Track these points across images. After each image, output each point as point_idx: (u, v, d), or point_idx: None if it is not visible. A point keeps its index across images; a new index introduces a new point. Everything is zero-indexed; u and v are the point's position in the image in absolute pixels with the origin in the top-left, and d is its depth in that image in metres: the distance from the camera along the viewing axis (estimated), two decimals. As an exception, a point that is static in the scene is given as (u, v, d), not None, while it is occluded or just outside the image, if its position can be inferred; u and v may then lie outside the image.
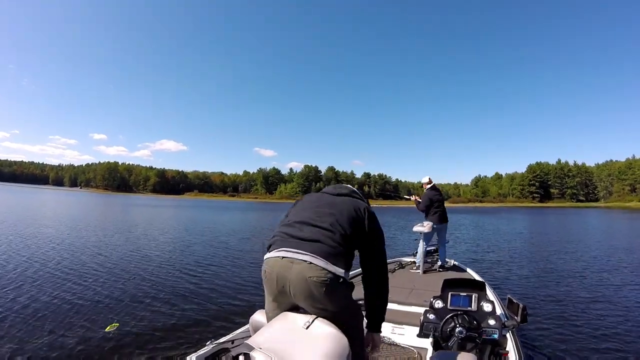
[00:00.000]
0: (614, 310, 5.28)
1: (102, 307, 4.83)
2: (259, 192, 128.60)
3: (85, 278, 6.36)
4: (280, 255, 1.46)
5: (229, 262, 8.40)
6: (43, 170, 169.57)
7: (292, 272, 1.42)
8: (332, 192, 1.79)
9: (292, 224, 1.60)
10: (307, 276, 1.39)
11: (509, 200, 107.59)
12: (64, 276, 6.42)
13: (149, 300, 5.20)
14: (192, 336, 3.89)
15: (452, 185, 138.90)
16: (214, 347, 1.71)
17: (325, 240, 1.48)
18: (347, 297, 1.49)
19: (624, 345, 3.99)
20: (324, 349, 1.21)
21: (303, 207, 1.69)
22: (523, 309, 1.95)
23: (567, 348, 3.87)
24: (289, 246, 1.48)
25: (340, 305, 1.44)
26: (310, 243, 1.47)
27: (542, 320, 4.73)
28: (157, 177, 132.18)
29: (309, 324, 1.33)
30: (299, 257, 1.42)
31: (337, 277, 1.41)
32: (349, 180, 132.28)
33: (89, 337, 3.79)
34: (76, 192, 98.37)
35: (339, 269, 1.43)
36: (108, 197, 66.58)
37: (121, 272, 6.91)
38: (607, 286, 6.81)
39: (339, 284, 1.42)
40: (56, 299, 5.07)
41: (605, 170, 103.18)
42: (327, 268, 1.40)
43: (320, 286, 1.38)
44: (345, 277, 1.46)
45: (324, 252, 1.44)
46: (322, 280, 1.38)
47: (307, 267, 1.40)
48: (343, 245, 1.49)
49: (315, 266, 1.40)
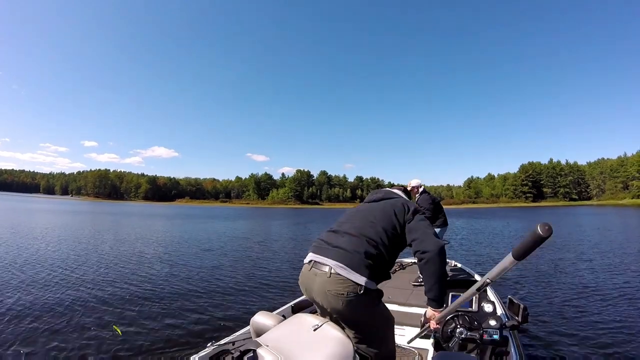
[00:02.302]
0: (616, 310, 5.22)
1: (104, 309, 4.87)
2: (251, 197, 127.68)
3: (86, 282, 6.36)
4: (309, 260, 1.59)
5: (229, 265, 8.47)
6: (34, 179, 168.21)
7: (315, 285, 1.51)
8: (370, 199, 1.84)
9: (330, 231, 1.69)
10: (327, 289, 1.44)
11: (502, 200, 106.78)
12: (63, 281, 6.41)
13: (149, 302, 5.25)
14: (193, 338, 3.92)
15: (444, 187, 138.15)
16: (215, 348, 1.70)
17: (354, 248, 1.51)
18: (369, 306, 1.50)
19: (625, 345, 3.96)
20: (329, 352, 1.23)
21: (346, 216, 1.77)
22: (524, 310, 1.91)
23: (568, 348, 3.87)
24: (319, 252, 1.57)
25: (361, 315, 1.48)
26: (338, 250, 1.52)
27: (543, 320, 4.72)
28: (149, 184, 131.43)
29: (317, 327, 1.36)
30: (322, 268, 1.50)
31: (358, 287, 1.42)
32: (342, 184, 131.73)
33: (91, 340, 3.83)
34: (67, 200, 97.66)
35: (362, 277, 1.43)
36: (98, 205, 65.72)
37: (122, 277, 6.92)
38: (608, 286, 6.75)
39: (360, 295, 1.42)
40: (56, 303, 5.09)
41: (597, 169, 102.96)
42: (349, 277, 1.43)
43: (338, 299, 1.42)
44: (369, 286, 1.45)
45: (349, 259, 1.47)
46: (340, 293, 1.42)
47: (327, 280, 1.45)
48: (374, 252, 1.51)
49: (335, 277, 1.44)
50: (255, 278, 7.01)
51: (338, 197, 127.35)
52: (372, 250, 1.51)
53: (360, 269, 1.45)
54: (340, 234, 1.62)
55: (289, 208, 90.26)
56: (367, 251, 1.49)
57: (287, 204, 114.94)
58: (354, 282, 1.42)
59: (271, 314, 1.75)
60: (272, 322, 1.62)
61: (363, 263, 1.46)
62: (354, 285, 1.42)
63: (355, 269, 1.44)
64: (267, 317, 1.70)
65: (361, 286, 1.42)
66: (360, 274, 1.43)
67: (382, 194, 1.83)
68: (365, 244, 1.51)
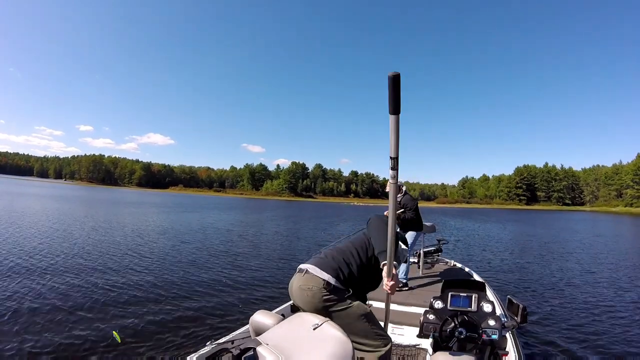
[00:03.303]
0: (614, 311, 5.27)
1: (102, 308, 4.74)
2: (245, 188, 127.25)
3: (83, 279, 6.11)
4: (298, 267, 1.80)
5: (228, 263, 8.23)
6: (28, 162, 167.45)
7: (294, 284, 1.73)
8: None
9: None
10: (299, 285, 1.66)
11: (495, 202, 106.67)
12: (57, 277, 6.12)
13: (148, 301, 5.14)
14: (192, 337, 3.89)
15: (439, 185, 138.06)
16: (214, 347, 1.72)
17: (331, 253, 1.78)
18: (335, 300, 1.63)
19: (624, 345, 4.00)
20: (328, 351, 1.26)
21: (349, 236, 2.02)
22: (523, 310, 1.95)
23: (567, 348, 3.87)
24: (305, 262, 1.80)
25: (329, 309, 1.62)
26: (320, 258, 1.78)
27: (542, 320, 4.74)
28: (143, 171, 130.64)
29: (317, 326, 1.40)
30: (301, 270, 1.73)
31: (324, 282, 1.63)
32: (336, 178, 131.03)
33: (89, 337, 3.76)
34: (59, 184, 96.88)
35: (328, 275, 1.65)
36: (89, 190, 64.58)
37: (119, 274, 6.67)
38: (607, 287, 6.86)
39: (324, 289, 1.62)
40: (51, 301, 4.90)
41: (591, 175, 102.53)
42: (317, 275, 1.65)
43: (304, 292, 1.63)
44: (337, 285, 1.65)
45: (321, 262, 1.72)
46: (308, 287, 1.63)
47: (301, 278, 1.69)
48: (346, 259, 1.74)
49: (307, 274, 1.67)
50: (254, 277, 6.92)
51: (332, 191, 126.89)
52: (345, 261, 1.74)
53: (328, 270, 1.67)
54: (332, 249, 1.87)
55: (282, 200, 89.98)
56: (340, 259, 1.74)
57: (281, 195, 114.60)
58: (320, 278, 1.63)
59: (270, 313, 1.76)
60: (272, 321, 1.64)
61: (332, 266, 1.70)
62: (320, 281, 1.62)
63: (324, 269, 1.67)
64: (266, 316, 1.71)
65: (326, 282, 1.62)
66: (327, 273, 1.65)
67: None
68: (339, 255, 1.77)
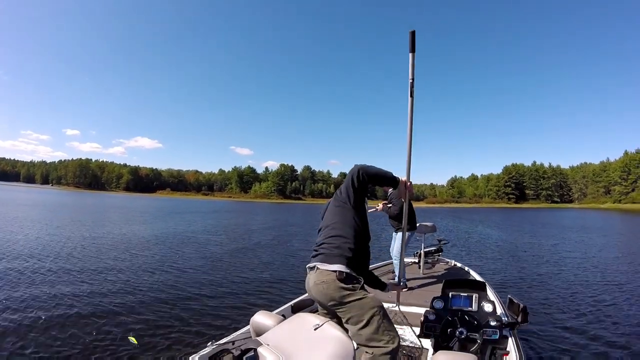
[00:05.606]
0: (615, 310, 5.27)
1: (103, 309, 4.74)
2: (234, 191, 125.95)
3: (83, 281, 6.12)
4: (307, 267, 1.85)
5: (229, 264, 8.26)
6: (14, 167, 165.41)
7: (310, 282, 1.76)
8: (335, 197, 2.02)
9: (319, 233, 1.96)
10: (315, 281, 1.71)
11: (485, 201, 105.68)
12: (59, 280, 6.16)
13: (149, 302, 5.14)
14: (193, 337, 3.90)
15: (428, 185, 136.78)
16: (215, 347, 1.72)
17: (328, 241, 1.80)
18: (349, 289, 1.67)
19: (624, 345, 3.99)
20: (328, 352, 1.25)
21: (323, 218, 2.01)
22: (524, 309, 1.96)
23: (568, 348, 3.88)
24: (312, 258, 1.85)
25: (345, 297, 1.64)
26: (317, 248, 1.85)
27: (543, 320, 4.76)
28: (130, 175, 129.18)
29: (318, 326, 1.39)
30: (312, 267, 1.78)
31: (336, 273, 1.67)
32: (325, 179, 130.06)
33: (90, 338, 3.80)
34: (45, 189, 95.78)
35: (339, 266, 1.70)
36: (74, 196, 63.33)
37: (120, 276, 6.67)
38: (607, 286, 6.83)
39: (337, 279, 1.66)
40: (51, 303, 4.90)
41: (579, 173, 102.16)
42: (327, 269, 1.70)
43: (320, 286, 1.68)
44: (349, 272, 1.70)
45: (325, 254, 1.77)
46: (322, 280, 1.68)
47: (315, 274, 1.73)
48: (344, 244, 1.77)
49: (319, 270, 1.72)
50: (254, 278, 6.92)
51: (321, 193, 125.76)
52: (343, 243, 1.76)
53: (335, 260, 1.71)
54: (320, 236, 1.90)
55: (271, 203, 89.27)
56: (339, 245, 1.76)
57: (270, 198, 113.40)
58: (331, 270, 1.68)
59: (271, 314, 1.77)
60: (272, 322, 1.65)
61: (335, 254, 1.74)
62: (332, 273, 1.68)
63: (331, 261, 1.71)
64: (267, 316, 1.73)
65: (338, 272, 1.67)
66: (336, 263, 1.70)
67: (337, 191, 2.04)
68: (336, 240, 1.78)
